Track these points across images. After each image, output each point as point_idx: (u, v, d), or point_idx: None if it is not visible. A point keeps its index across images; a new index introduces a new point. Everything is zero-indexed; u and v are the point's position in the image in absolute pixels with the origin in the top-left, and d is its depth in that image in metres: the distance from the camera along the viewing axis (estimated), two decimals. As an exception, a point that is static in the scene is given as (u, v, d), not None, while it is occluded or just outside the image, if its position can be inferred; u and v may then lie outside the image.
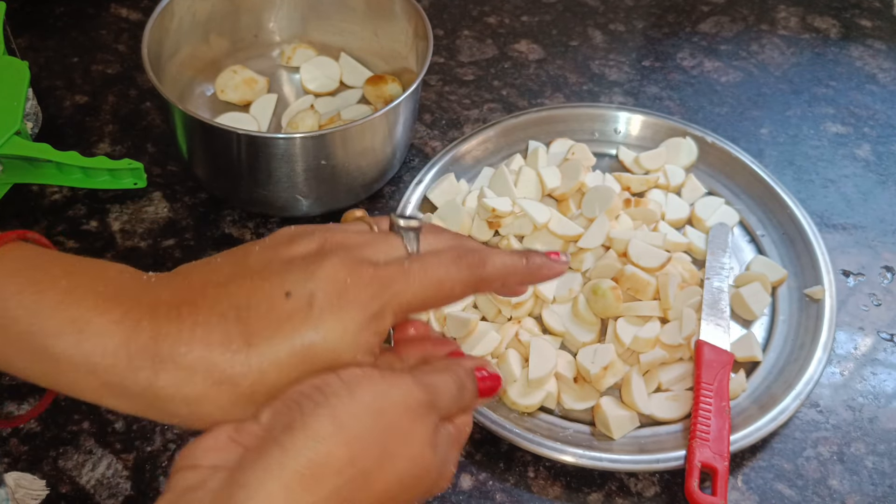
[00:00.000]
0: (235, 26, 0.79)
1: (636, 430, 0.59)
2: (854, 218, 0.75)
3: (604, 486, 0.57)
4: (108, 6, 0.91)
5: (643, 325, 0.62)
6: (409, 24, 0.75)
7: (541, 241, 0.67)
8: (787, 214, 0.71)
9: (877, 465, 0.59)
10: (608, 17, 0.93)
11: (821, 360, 0.62)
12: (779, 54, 0.91)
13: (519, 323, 0.63)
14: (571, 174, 0.70)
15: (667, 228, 0.69)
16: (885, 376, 0.64)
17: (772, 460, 0.59)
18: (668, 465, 0.56)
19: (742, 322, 0.66)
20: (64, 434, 0.58)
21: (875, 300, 0.69)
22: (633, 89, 0.85)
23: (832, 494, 0.57)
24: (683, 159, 0.75)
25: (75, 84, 0.83)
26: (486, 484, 0.57)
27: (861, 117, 0.84)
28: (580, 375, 0.61)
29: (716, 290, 0.65)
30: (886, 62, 0.90)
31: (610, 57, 0.89)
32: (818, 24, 0.94)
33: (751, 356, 0.63)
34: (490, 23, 0.92)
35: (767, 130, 0.82)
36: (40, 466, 0.56)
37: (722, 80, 0.87)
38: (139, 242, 0.70)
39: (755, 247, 0.71)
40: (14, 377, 0.60)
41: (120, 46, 0.87)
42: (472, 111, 0.82)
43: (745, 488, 0.57)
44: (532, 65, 0.87)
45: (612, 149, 0.78)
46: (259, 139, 0.64)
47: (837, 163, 0.79)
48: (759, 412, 0.59)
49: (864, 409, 0.62)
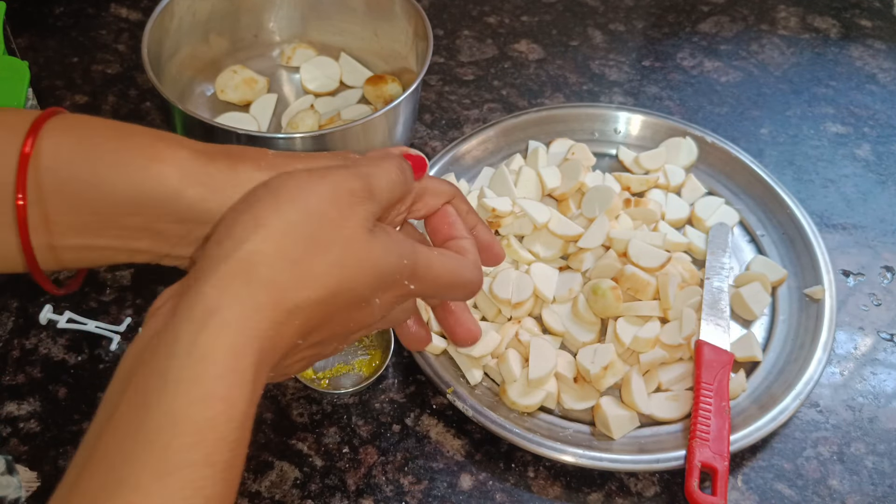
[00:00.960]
0: (235, 26, 0.79)
1: (636, 429, 0.59)
2: (854, 218, 0.75)
3: (604, 486, 0.57)
4: (108, 6, 0.91)
5: (643, 325, 0.62)
6: (409, 24, 0.75)
7: (541, 241, 0.67)
8: (787, 214, 0.71)
9: (877, 465, 0.59)
10: (608, 17, 0.93)
11: (821, 360, 0.62)
12: (779, 54, 0.91)
13: (519, 323, 0.63)
14: (571, 174, 0.70)
15: (667, 228, 0.69)
16: (884, 376, 0.64)
17: (772, 460, 0.59)
18: (668, 465, 0.56)
19: (742, 322, 0.66)
20: (64, 434, 0.58)
21: (875, 300, 0.69)
22: (633, 89, 0.85)
23: (832, 494, 0.57)
24: (683, 159, 0.75)
25: (75, 84, 0.83)
26: (486, 484, 0.57)
27: (861, 117, 0.84)
28: (580, 375, 0.61)
29: (716, 289, 0.65)
30: (886, 62, 0.90)
31: (610, 57, 0.89)
32: (818, 24, 0.94)
33: (751, 356, 0.63)
34: (490, 23, 0.92)
35: (767, 130, 0.82)
36: (40, 466, 0.56)
37: (722, 80, 0.87)
38: (139, 242, 0.70)
39: (755, 247, 0.71)
40: (14, 377, 0.61)
41: (120, 46, 0.87)
42: (472, 111, 0.82)
43: (744, 488, 0.57)
44: (532, 65, 0.87)
45: (612, 149, 0.78)
46: (259, 139, 0.64)
47: (837, 163, 0.79)
48: (758, 412, 0.59)
49: (863, 409, 0.62)
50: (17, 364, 0.62)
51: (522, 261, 0.66)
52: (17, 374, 0.61)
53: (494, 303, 0.63)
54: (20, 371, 0.61)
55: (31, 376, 0.61)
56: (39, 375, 0.61)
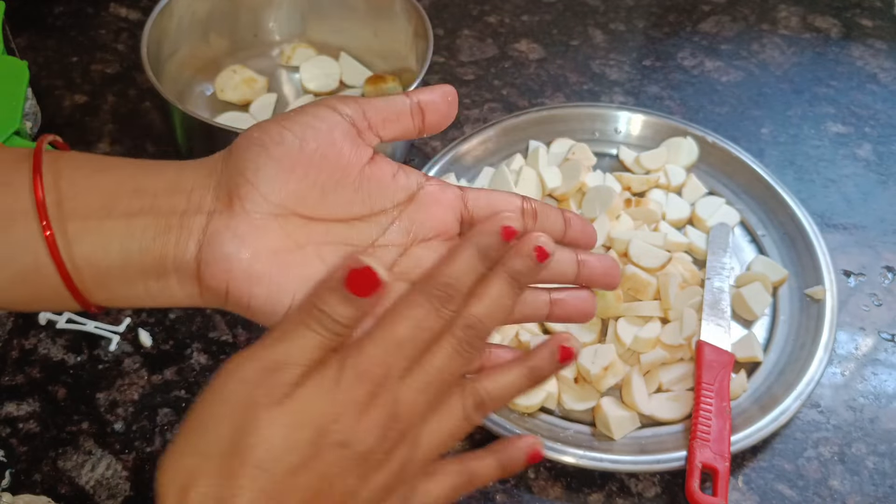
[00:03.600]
0: (235, 26, 0.79)
1: (637, 430, 0.59)
2: (855, 218, 0.75)
3: (604, 487, 0.57)
4: (107, 6, 0.91)
5: (644, 326, 0.62)
6: (409, 24, 0.74)
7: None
8: (787, 214, 0.71)
9: (878, 466, 0.59)
10: (609, 17, 0.93)
11: (822, 360, 0.61)
12: (779, 54, 0.90)
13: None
14: (572, 174, 0.70)
15: (667, 228, 0.69)
16: (885, 376, 0.64)
17: (773, 461, 0.59)
18: (669, 466, 0.56)
19: (743, 322, 0.66)
20: (63, 434, 0.58)
21: (876, 300, 0.69)
22: (633, 89, 0.85)
23: (833, 495, 0.57)
24: (684, 159, 0.75)
25: (75, 83, 0.83)
26: (486, 484, 0.57)
27: (862, 117, 0.84)
28: (580, 376, 0.61)
29: (716, 290, 0.65)
30: (887, 62, 0.90)
31: (610, 56, 0.89)
32: (819, 23, 0.94)
33: (752, 356, 0.62)
34: (490, 22, 0.92)
35: (768, 130, 0.82)
36: (39, 467, 0.56)
37: (723, 79, 0.87)
38: (139, 242, 0.69)
39: (756, 247, 0.71)
40: (13, 377, 0.60)
41: (119, 46, 0.87)
42: (472, 111, 0.82)
43: (745, 489, 0.57)
44: (532, 64, 0.87)
45: (612, 148, 0.77)
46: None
47: (838, 162, 0.79)
48: (759, 412, 0.59)
49: (864, 410, 0.62)
50: (16, 364, 0.62)
51: (523, 261, 0.66)
52: (17, 374, 0.61)
53: (495, 303, 0.63)
54: (19, 371, 0.61)
55: (30, 376, 0.61)
56: (39, 376, 0.61)
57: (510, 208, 0.41)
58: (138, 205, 0.37)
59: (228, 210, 0.37)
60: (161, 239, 0.36)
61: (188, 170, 0.38)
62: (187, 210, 0.37)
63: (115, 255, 0.36)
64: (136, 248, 0.36)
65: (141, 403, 0.60)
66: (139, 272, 0.37)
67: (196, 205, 0.37)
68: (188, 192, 0.37)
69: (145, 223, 0.36)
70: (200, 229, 0.36)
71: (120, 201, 0.37)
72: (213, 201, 0.37)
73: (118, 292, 0.37)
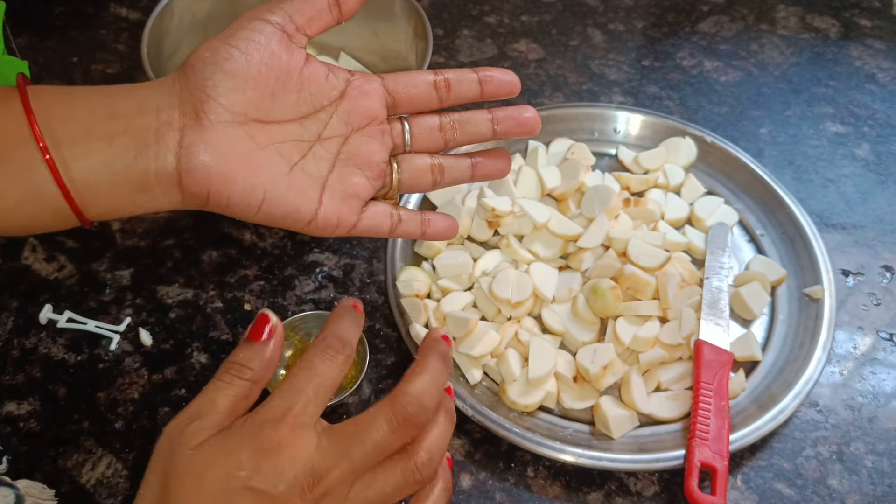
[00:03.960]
0: (235, 26, 0.79)
1: (636, 429, 0.59)
2: (853, 217, 0.75)
3: (603, 486, 0.57)
4: (107, 6, 0.91)
5: (643, 325, 0.62)
6: (409, 24, 0.75)
7: (540, 241, 0.67)
8: (786, 214, 0.71)
9: (876, 465, 0.59)
10: (608, 17, 0.93)
11: (820, 359, 0.62)
12: (778, 54, 0.91)
13: (518, 322, 0.63)
14: (571, 174, 0.70)
15: (666, 228, 0.69)
16: (884, 376, 0.64)
17: (771, 460, 0.59)
18: (668, 465, 0.56)
19: (741, 321, 0.66)
20: (64, 434, 0.58)
21: (874, 300, 0.69)
22: (632, 89, 0.85)
23: (831, 494, 0.57)
24: (683, 159, 0.75)
25: (75, 83, 0.83)
26: (486, 483, 0.57)
27: (860, 117, 0.84)
28: (580, 375, 0.61)
29: (715, 289, 0.65)
30: (886, 62, 0.90)
31: (609, 57, 0.89)
32: (818, 23, 0.94)
33: (750, 355, 0.63)
34: (490, 22, 0.92)
35: (767, 130, 0.82)
36: (40, 466, 0.56)
37: (721, 79, 0.87)
38: (139, 242, 0.70)
39: (754, 246, 0.71)
40: (14, 377, 0.61)
41: (119, 46, 0.87)
42: (471, 111, 0.82)
43: (744, 488, 0.58)
44: (532, 64, 0.87)
45: (611, 148, 0.78)
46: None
47: (837, 162, 0.80)
48: (758, 411, 0.59)
49: (863, 409, 0.62)
50: (16, 364, 0.62)
51: (522, 260, 0.66)
52: (17, 373, 0.61)
53: (494, 302, 0.63)
54: (20, 371, 0.61)
55: (30, 376, 0.61)
56: (39, 375, 0.61)
57: (423, 83, 0.49)
58: (114, 127, 0.42)
59: (197, 124, 0.42)
60: (142, 156, 0.42)
61: (150, 90, 0.43)
62: (159, 127, 0.42)
63: (102, 174, 0.41)
64: (121, 167, 0.42)
65: (141, 402, 0.60)
66: (126, 187, 0.42)
67: (166, 122, 0.42)
68: (156, 112, 0.42)
69: (125, 143, 0.42)
70: (176, 143, 0.42)
71: (98, 126, 0.41)
72: (181, 118, 0.42)
73: (109, 206, 0.43)
